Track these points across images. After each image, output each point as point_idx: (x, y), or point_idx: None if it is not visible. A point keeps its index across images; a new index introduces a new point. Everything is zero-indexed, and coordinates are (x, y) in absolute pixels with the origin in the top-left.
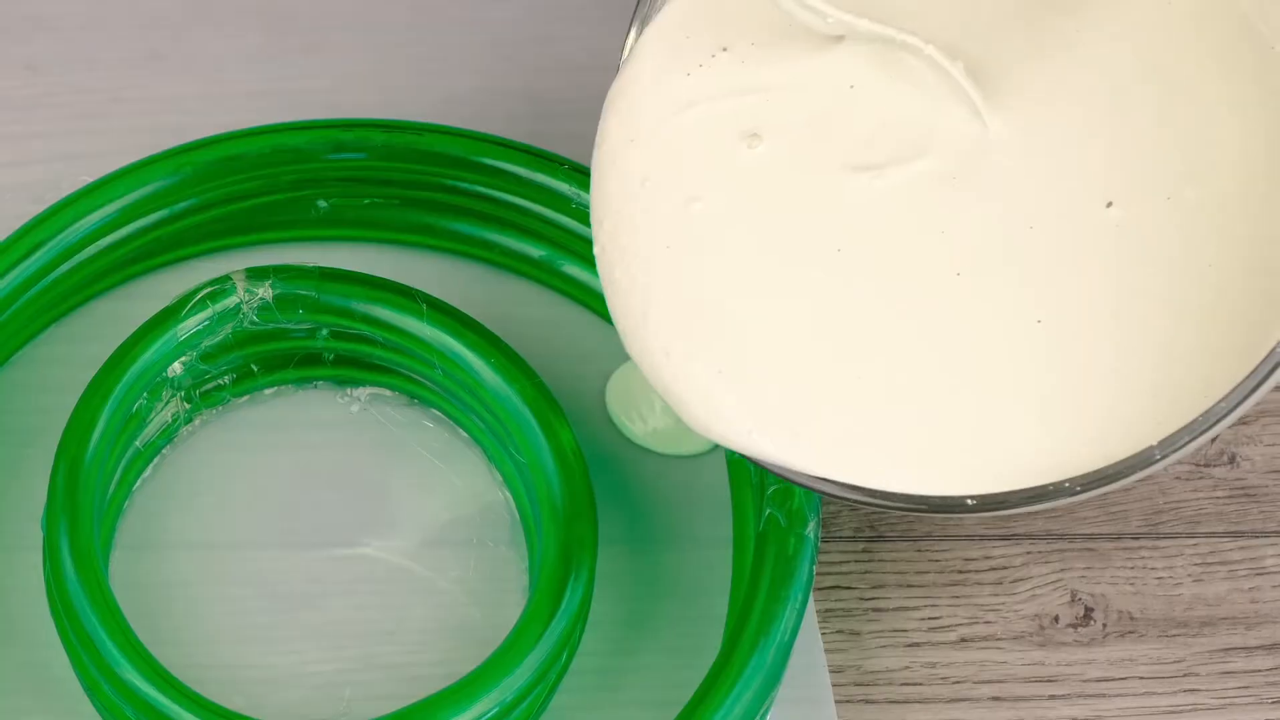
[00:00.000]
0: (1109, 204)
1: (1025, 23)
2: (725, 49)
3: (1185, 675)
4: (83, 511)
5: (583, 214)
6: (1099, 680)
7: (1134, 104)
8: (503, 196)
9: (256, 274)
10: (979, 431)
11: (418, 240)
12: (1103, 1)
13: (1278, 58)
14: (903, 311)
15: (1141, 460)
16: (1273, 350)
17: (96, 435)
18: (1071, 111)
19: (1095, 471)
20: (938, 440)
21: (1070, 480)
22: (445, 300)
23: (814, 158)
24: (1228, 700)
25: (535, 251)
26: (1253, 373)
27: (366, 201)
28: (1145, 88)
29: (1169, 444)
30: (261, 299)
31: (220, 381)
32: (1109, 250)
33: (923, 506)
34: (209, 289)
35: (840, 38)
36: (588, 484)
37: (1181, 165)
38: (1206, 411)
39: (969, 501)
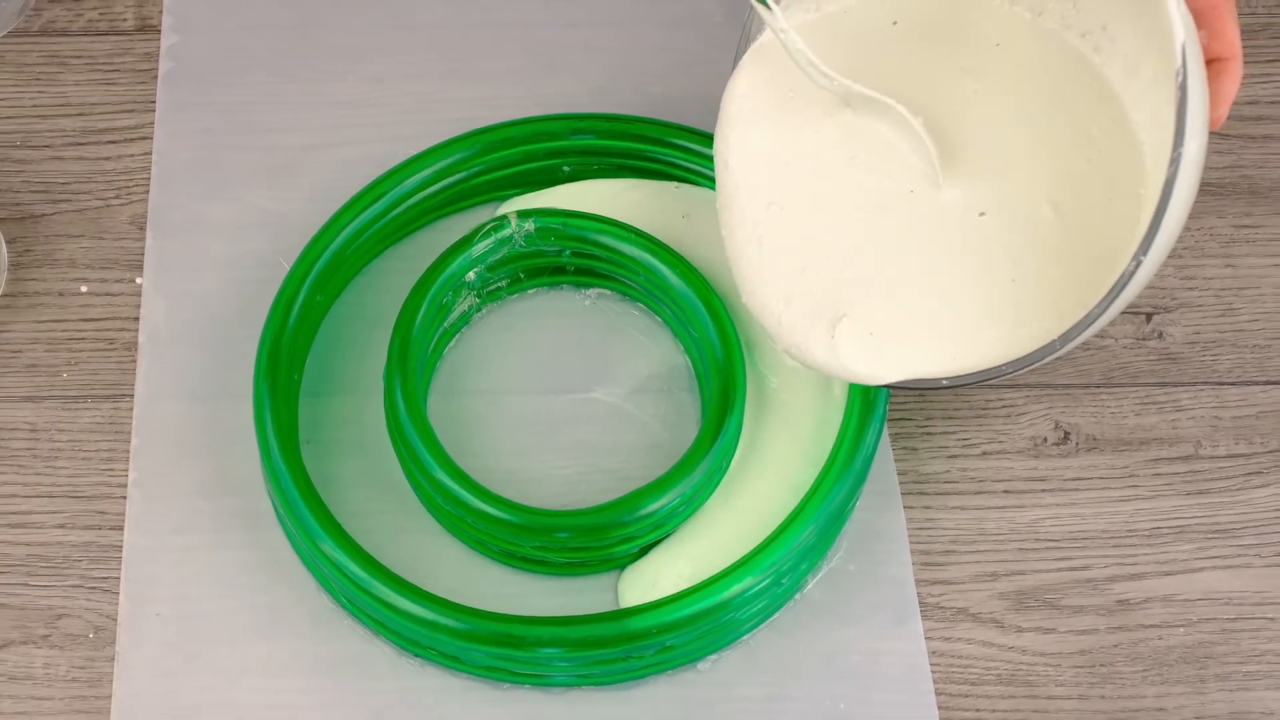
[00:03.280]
0: (981, 213)
1: (952, 86)
2: (783, 104)
3: (1129, 477)
4: (410, 369)
5: None
6: (1073, 479)
7: (1017, 141)
8: (684, 162)
9: (524, 214)
10: (949, 336)
11: None
12: (995, 70)
13: (1115, 99)
14: (898, 270)
15: (1048, 349)
16: (1109, 292)
17: (419, 319)
18: (978, 148)
19: (1021, 357)
20: (923, 340)
21: (1008, 363)
22: (646, 230)
23: (836, 173)
24: (1156, 492)
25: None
26: (1099, 303)
27: (595, 166)
28: (1022, 130)
29: (1066, 337)
30: (527, 231)
31: (499, 285)
32: (986, 239)
33: (911, 385)
34: (492, 224)
35: (845, 100)
36: (740, 351)
37: (1044, 189)
38: (1063, 334)
39: (943, 381)
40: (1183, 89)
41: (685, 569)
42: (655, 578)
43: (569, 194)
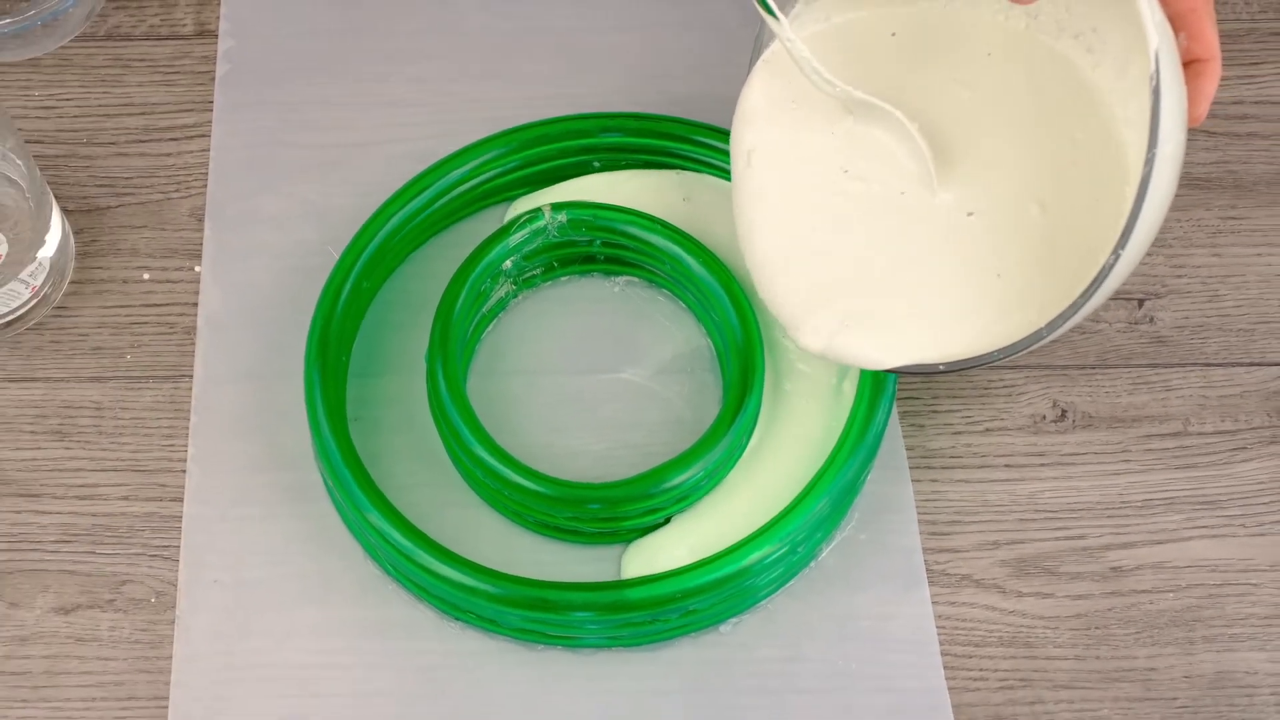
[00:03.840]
0: (969, 213)
1: (946, 94)
2: (791, 110)
3: (1123, 452)
4: (451, 351)
5: None
6: (1070, 454)
7: (1007, 146)
8: (705, 157)
9: (557, 207)
10: (938, 327)
11: None
12: (986, 79)
13: (1102, 101)
14: (892, 266)
15: (1035, 337)
16: (1090, 283)
17: (459, 304)
18: (969, 152)
19: (1011, 344)
20: (920, 329)
21: (998, 350)
22: (671, 221)
23: (837, 176)
24: (1148, 466)
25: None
26: (1081, 294)
27: (623, 162)
28: (1012, 136)
29: (1052, 325)
30: (560, 222)
31: (534, 272)
32: (975, 237)
33: (911, 369)
34: (527, 216)
35: (847, 107)
36: (759, 334)
37: (1027, 190)
38: (1049, 322)
39: (940, 366)
40: (1156, 93)
41: (683, 552)
42: (655, 555)
43: (571, 188)
